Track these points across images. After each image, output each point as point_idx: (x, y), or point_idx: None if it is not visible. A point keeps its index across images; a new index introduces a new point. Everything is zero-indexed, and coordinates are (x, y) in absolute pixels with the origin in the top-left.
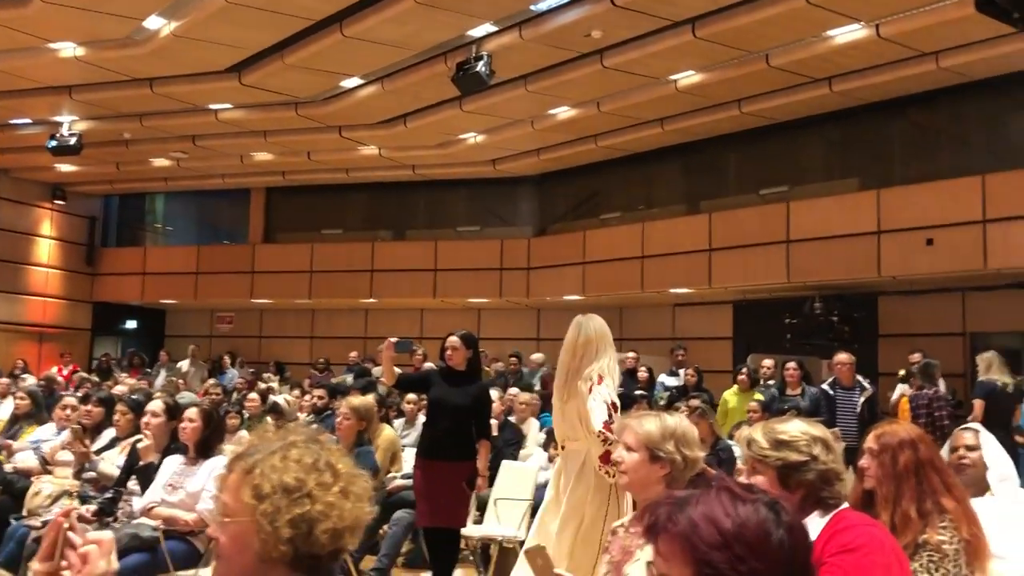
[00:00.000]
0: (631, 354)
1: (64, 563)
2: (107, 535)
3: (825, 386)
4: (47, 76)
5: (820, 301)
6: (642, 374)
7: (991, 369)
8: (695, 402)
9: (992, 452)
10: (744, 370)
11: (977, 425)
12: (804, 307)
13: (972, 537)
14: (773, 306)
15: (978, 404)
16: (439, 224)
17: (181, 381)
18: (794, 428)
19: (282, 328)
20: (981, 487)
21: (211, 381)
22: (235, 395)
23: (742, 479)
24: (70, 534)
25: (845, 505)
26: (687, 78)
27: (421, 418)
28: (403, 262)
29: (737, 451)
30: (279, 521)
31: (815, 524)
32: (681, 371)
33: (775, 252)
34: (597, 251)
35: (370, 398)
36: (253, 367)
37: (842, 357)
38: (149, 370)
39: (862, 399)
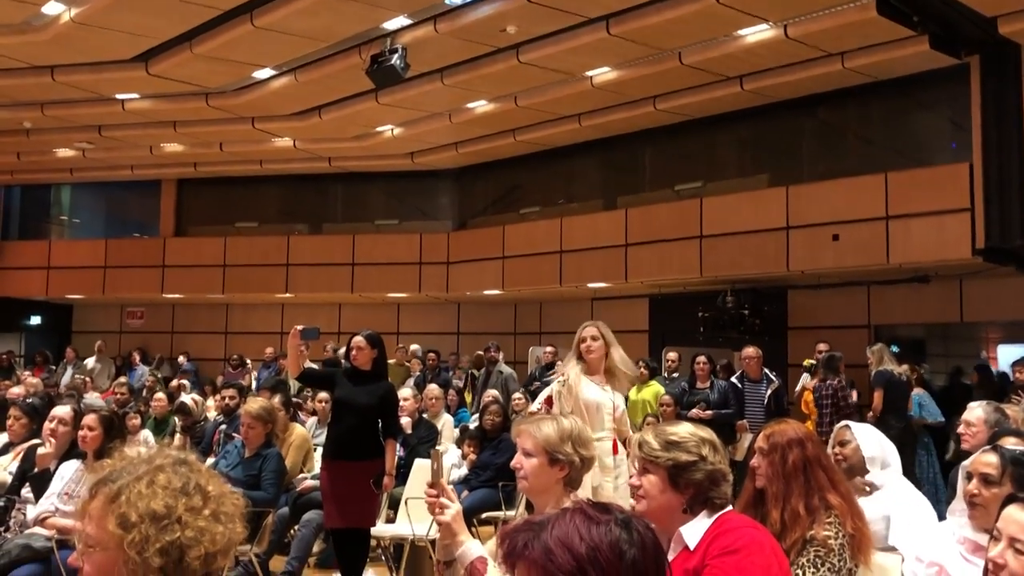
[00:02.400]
0: (549, 348)
1: None
2: None
3: (734, 379)
4: None
5: (732, 295)
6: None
7: (883, 360)
8: None
9: (870, 443)
10: (641, 363)
11: (858, 423)
12: (717, 301)
13: (856, 531)
14: (687, 300)
15: (878, 394)
16: (357, 217)
17: (88, 379)
18: (683, 430)
19: (195, 323)
20: (861, 475)
21: (120, 379)
22: (144, 393)
23: (635, 480)
24: None
25: (730, 507)
26: (602, 75)
27: None
28: (320, 256)
29: None
30: (148, 551)
31: (700, 525)
32: None
33: (689, 247)
34: (516, 245)
35: (274, 400)
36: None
37: (749, 351)
38: (54, 368)
39: (769, 391)
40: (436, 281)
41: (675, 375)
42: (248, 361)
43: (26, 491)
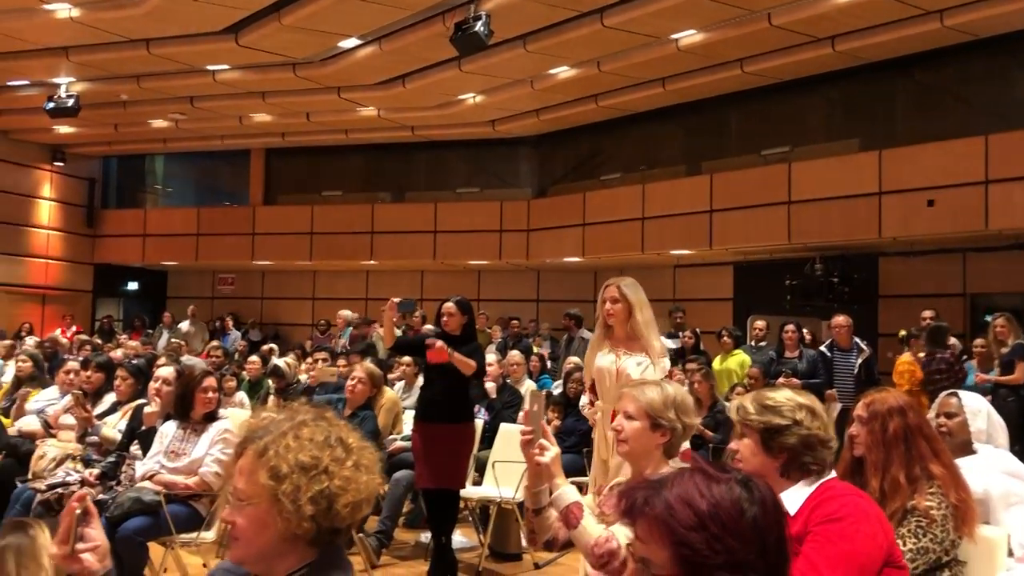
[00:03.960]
0: None
1: (80, 546)
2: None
3: (823, 348)
4: (43, 37)
5: (820, 262)
6: None
7: (1020, 331)
8: (692, 365)
9: (978, 415)
10: (725, 332)
11: (966, 392)
12: (805, 268)
13: (960, 503)
14: (774, 267)
15: (1020, 366)
16: (439, 185)
17: (183, 343)
18: (781, 395)
19: (283, 290)
20: (965, 452)
21: (213, 343)
22: (236, 357)
23: (733, 444)
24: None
25: (832, 475)
26: (688, 37)
27: (420, 381)
28: (403, 224)
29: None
30: (301, 499)
31: (800, 493)
32: (680, 333)
33: (776, 213)
34: (597, 212)
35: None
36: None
37: (839, 319)
38: (151, 332)
39: (859, 361)
40: (516, 248)
41: (762, 344)
42: (352, 315)
43: (134, 447)
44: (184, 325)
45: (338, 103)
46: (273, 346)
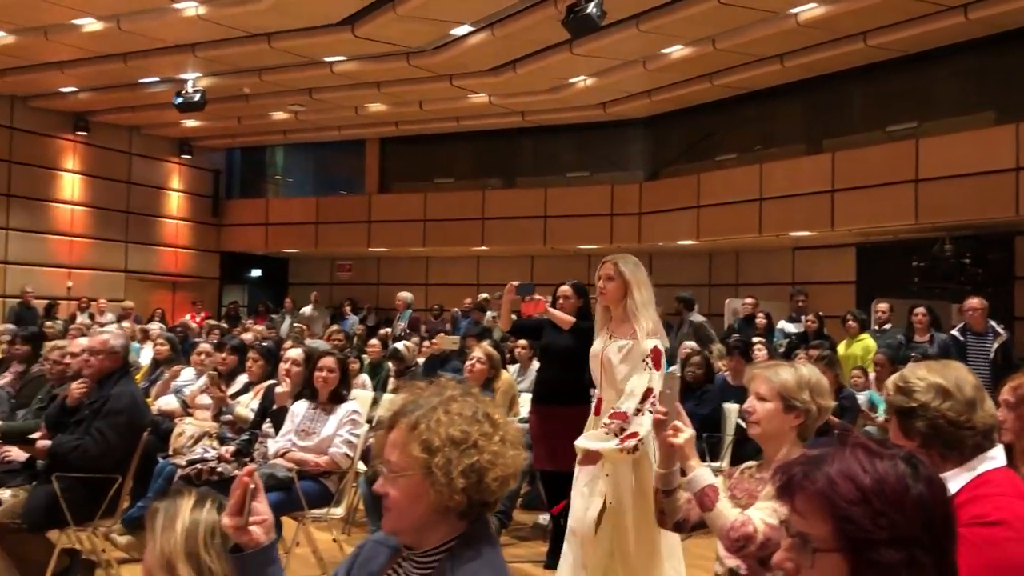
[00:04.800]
0: (749, 300)
1: (252, 518)
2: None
3: (955, 332)
4: (172, 35)
5: (951, 242)
6: (760, 320)
7: None
8: (814, 352)
9: None
10: (850, 316)
11: None
12: (933, 249)
13: None
14: (899, 248)
15: None
16: (548, 170)
17: (305, 327)
18: (916, 373)
19: (398, 276)
20: None
21: (333, 327)
22: (355, 341)
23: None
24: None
25: (995, 465)
26: (809, 11)
27: (535, 365)
28: (513, 209)
29: (860, 398)
30: (453, 472)
31: (957, 479)
32: (802, 317)
33: (902, 192)
34: (712, 194)
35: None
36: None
37: (974, 302)
38: (274, 316)
39: (995, 345)
40: (628, 232)
41: (886, 327)
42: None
43: (266, 426)
44: (307, 310)
45: (450, 91)
46: (390, 330)
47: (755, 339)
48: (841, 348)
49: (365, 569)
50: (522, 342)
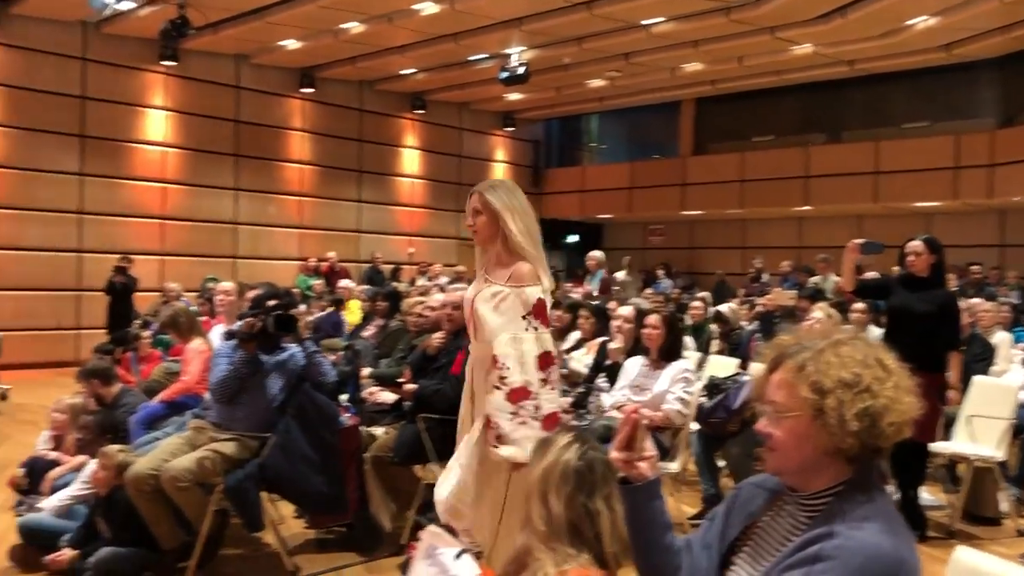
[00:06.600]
0: None
1: (642, 452)
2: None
3: None
4: (500, 11)
5: None
6: None
7: None
8: None
9: None
10: None
11: None
12: None
13: None
14: None
15: None
16: (879, 123)
17: (618, 289)
18: None
19: (713, 239)
20: None
21: (649, 290)
22: (670, 304)
23: None
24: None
25: None
26: None
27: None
28: (839, 166)
29: None
30: (846, 415)
31: None
32: None
33: None
34: None
35: None
36: (683, 278)
37: None
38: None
39: None
40: (976, 186)
41: None
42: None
43: (600, 380)
44: (620, 275)
45: (771, 43)
46: (706, 294)
47: None
48: None
49: (745, 510)
50: (860, 305)
